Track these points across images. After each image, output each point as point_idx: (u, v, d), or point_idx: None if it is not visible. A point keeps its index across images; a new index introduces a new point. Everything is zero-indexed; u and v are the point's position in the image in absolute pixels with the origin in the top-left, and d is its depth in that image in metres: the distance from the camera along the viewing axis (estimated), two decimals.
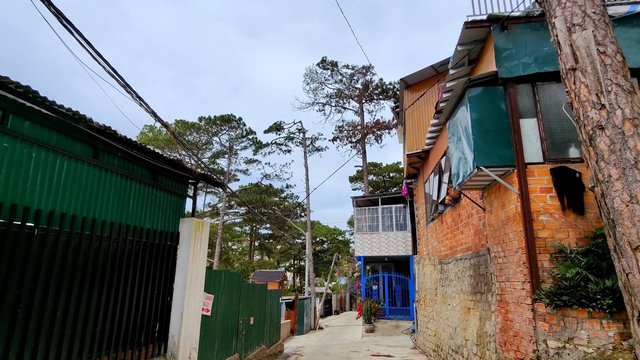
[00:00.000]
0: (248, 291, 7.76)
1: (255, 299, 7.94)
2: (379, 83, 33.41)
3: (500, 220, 5.14)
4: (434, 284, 9.46)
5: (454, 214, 7.61)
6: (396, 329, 13.80)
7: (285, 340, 16.87)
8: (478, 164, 4.73)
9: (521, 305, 4.49)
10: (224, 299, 6.26)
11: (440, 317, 8.69)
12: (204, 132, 38.37)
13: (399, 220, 15.88)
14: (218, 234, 33.72)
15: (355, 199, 16.89)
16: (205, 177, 5.62)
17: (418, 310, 11.44)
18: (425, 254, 10.96)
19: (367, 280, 16.41)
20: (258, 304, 8.16)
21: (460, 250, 7.22)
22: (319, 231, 55.06)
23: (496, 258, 5.30)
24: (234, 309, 6.75)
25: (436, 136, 9.15)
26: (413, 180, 12.72)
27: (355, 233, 16.50)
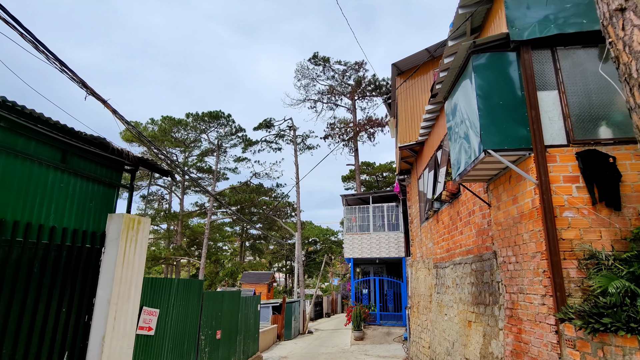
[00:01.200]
0: (213, 301, 6.74)
1: (224, 309, 6.93)
2: (372, 79, 32.52)
3: (511, 218, 4.20)
4: (429, 290, 8.53)
5: (452, 212, 6.67)
6: (387, 337, 12.86)
7: (270, 347, 15.86)
8: (486, 147, 3.78)
9: (540, 325, 3.55)
10: (176, 313, 5.23)
11: (436, 327, 7.75)
12: (192, 129, 37.18)
13: (391, 219, 14.95)
14: (205, 234, 32.56)
15: (345, 197, 15.92)
16: (145, 163, 4.56)
17: (411, 318, 10.50)
18: (418, 257, 10.03)
19: (357, 283, 15.44)
20: (228, 314, 7.16)
21: (459, 254, 6.28)
22: (311, 231, 54.09)
23: (505, 264, 4.36)
24: (192, 323, 5.72)
25: (431, 125, 8.22)
26: (406, 177, 11.80)
27: (344, 233, 15.54)
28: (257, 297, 9.54)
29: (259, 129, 34.07)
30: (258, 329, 9.65)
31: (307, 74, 34.75)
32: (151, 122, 34.39)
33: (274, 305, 19.85)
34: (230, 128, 37.44)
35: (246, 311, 8.36)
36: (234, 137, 37.90)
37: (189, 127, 36.76)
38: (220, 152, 38.44)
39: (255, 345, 9.22)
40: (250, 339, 8.63)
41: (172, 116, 34.44)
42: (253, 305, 8.96)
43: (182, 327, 5.39)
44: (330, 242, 53.15)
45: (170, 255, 32.40)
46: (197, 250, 39.38)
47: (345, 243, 15.35)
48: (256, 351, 9.41)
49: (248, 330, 8.47)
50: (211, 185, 36.43)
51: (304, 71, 34.65)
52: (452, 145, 4.84)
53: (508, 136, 3.81)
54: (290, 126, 33.16)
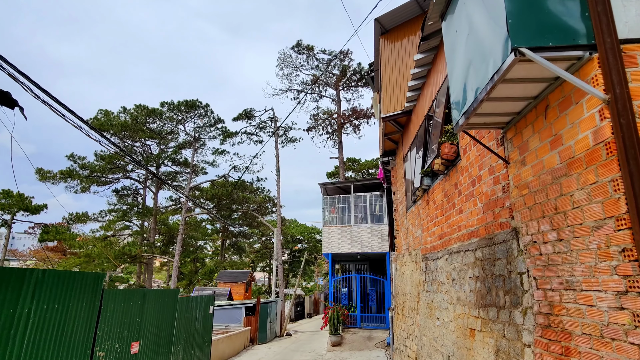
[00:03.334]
0: (126, 302, 4.99)
1: (146, 313, 5.26)
2: (357, 68, 31.04)
3: (548, 172, 2.67)
4: (416, 288, 7.02)
5: (448, 186, 5.15)
6: (368, 342, 11.34)
7: (239, 353, 14.19)
8: (517, 43, 2.23)
9: (615, 347, 2.03)
10: (42, 321, 3.53)
11: (424, 334, 6.24)
12: (168, 120, 35.07)
13: (374, 210, 13.45)
14: (180, 231, 30.57)
15: (324, 185, 14.36)
16: None
17: (394, 321, 9.00)
18: (404, 249, 8.53)
19: (335, 281, 13.88)
20: (155, 320, 5.51)
21: (456, 239, 4.76)
22: (295, 230, 52.47)
23: (535, 245, 2.84)
24: (75, 338, 4.01)
25: (421, 86, 6.71)
26: (390, 159, 10.29)
27: (323, 226, 13.97)
28: (208, 297, 7.89)
29: (238, 119, 32.19)
30: (210, 335, 8.00)
31: (290, 63, 33.08)
32: (123, 111, 32.19)
33: (247, 306, 18.17)
34: (208, 119, 35.48)
35: (189, 314, 6.70)
36: (213, 129, 35.96)
37: (165, 118, 34.65)
38: (199, 144, 36.48)
39: (204, 354, 7.56)
40: (196, 349, 6.97)
41: (145, 105, 32.33)
42: (202, 306, 7.31)
43: (52, 346, 3.70)
44: (315, 241, 51.58)
45: (142, 252, 30.32)
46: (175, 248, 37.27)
47: (324, 237, 13.79)
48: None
49: (193, 338, 6.82)
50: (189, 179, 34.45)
51: (286, 60, 32.98)
52: (454, 74, 3.30)
53: (552, 27, 2.27)
54: (271, 117, 31.39)
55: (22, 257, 53.93)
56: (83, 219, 33.45)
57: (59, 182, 27.90)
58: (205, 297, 7.65)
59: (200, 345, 7.31)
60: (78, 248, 31.28)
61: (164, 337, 5.72)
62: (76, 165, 28.09)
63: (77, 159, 27.78)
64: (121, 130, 29.98)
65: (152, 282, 33.39)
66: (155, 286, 57.03)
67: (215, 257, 52.85)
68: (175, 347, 6.00)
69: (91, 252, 29.94)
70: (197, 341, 7.11)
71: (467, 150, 4.38)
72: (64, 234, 31.04)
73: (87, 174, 29.58)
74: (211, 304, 7.89)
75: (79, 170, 28.52)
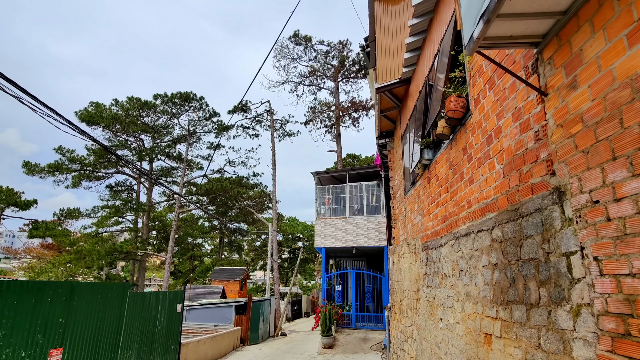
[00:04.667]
0: (36, 298, 3.91)
1: (73, 313, 4.21)
2: (357, 59, 29.94)
3: (626, 85, 1.63)
4: (415, 284, 6.00)
5: (454, 154, 4.12)
6: (363, 344, 10.32)
7: (226, 355, 13.20)
8: None
9: None
10: None
11: (425, 338, 5.22)
12: (162, 113, 34.06)
13: (371, 201, 12.41)
14: (173, 227, 29.58)
15: (318, 175, 13.32)
16: None
17: (391, 322, 7.97)
18: (402, 239, 7.50)
19: (328, 278, 12.84)
20: (89, 322, 4.47)
21: (465, 218, 3.74)
22: (295, 227, 51.50)
23: (598, 207, 1.81)
24: None
25: (421, 44, 5.67)
26: (388, 141, 9.25)
27: (315, 218, 12.94)
28: (174, 294, 6.86)
29: (234, 112, 31.12)
30: (177, 337, 6.96)
31: (287, 54, 32.05)
32: (115, 104, 31.18)
33: (238, 304, 17.18)
34: (204, 112, 34.46)
35: (146, 314, 5.68)
36: (209, 123, 34.96)
37: (159, 111, 33.66)
38: (194, 139, 35.48)
39: (168, 359, 6.52)
40: (157, 354, 5.94)
41: (138, 97, 31.31)
42: (166, 305, 6.28)
43: None
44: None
45: (134, 249, 29.35)
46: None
47: (316, 230, 12.77)
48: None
49: (152, 341, 5.81)
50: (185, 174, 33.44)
51: (283, 51, 31.95)
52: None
53: None
54: (267, 110, 30.36)
55: (18, 255, 53.15)
56: (75, 215, 32.52)
57: (47, 176, 26.94)
58: (170, 293, 6.59)
59: (164, 349, 6.28)
60: (69, 245, 30.34)
61: (106, 341, 4.70)
62: (65, 158, 27.09)
63: (65, 152, 26.79)
64: (112, 123, 28.97)
65: (144, 279, 32.44)
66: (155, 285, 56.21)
67: (214, 255, 51.99)
68: (125, 353, 4.97)
69: (82, 249, 29.01)
70: (159, 345, 6.08)
71: (480, 99, 3.34)
72: (53, 230, 30.11)
73: (78, 168, 28.61)
74: (179, 301, 6.85)
75: (68, 164, 27.54)
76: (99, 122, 27.93)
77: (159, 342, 6.05)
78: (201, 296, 23.76)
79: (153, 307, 5.94)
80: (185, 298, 24.41)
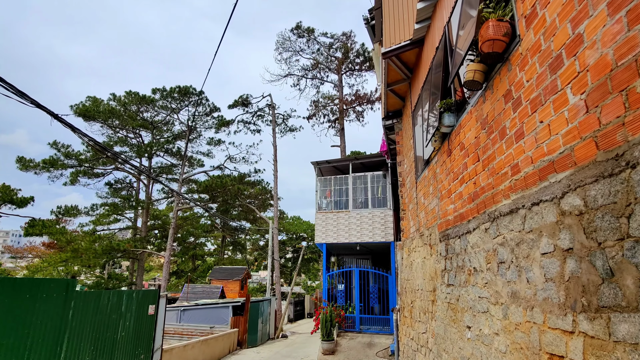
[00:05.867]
0: None
1: None
2: (361, 50, 28.88)
3: None
4: (430, 282, 4.96)
5: (489, 108, 3.09)
6: (368, 349, 9.28)
7: None
8: None
9: None
10: None
11: (445, 349, 4.18)
12: (162, 109, 33.23)
13: (376, 193, 11.36)
14: (172, 224, 28.69)
15: (319, 165, 12.29)
16: None
17: (400, 326, 6.93)
18: (413, 231, 6.46)
19: (330, 277, 11.79)
20: (11, 327, 3.46)
21: (508, 190, 2.70)
22: (298, 226, 50.54)
23: None
24: None
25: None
26: (395, 122, 8.21)
27: (316, 212, 11.92)
28: (146, 293, 5.85)
29: (234, 106, 30.18)
30: (149, 343, 5.93)
31: (289, 47, 31.04)
32: (113, 98, 30.37)
33: (235, 305, 16.21)
34: (204, 107, 33.58)
35: (104, 317, 4.69)
36: (210, 118, 34.07)
37: (158, 106, 32.83)
38: (195, 135, 34.62)
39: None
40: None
41: (136, 91, 30.46)
42: (134, 306, 5.27)
43: None
44: None
45: (131, 247, 28.51)
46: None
47: (317, 224, 11.74)
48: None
49: (113, 349, 4.82)
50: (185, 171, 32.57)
51: (285, 43, 30.94)
52: None
53: None
54: (269, 104, 29.37)
55: (18, 254, 52.65)
56: (73, 213, 31.76)
57: (42, 172, 26.15)
58: (139, 292, 5.58)
59: (129, 358, 5.29)
60: (65, 243, 29.58)
61: (39, 352, 3.73)
62: (60, 154, 26.30)
63: (60, 147, 25.99)
64: (109, 117, 28.14)
65: (143, 278, 31.62)
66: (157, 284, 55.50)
67: (216, 254, 51.21)
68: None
69: (78, 247, 28.22)
70: (123, 354, 5.08)
71: (537, 11, 2.30)
72: (50, 228, 29.37)
73: (74, 164, 27.82)
74: (151, 302, 5.85)
75: (64, 160, 26.75)
76: (96, 116, 27.12)
77: (122, 351, 5.05)
78: (199, 296, 22.84)
79: (113, 310, 4.94)
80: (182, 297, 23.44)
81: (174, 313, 16.89)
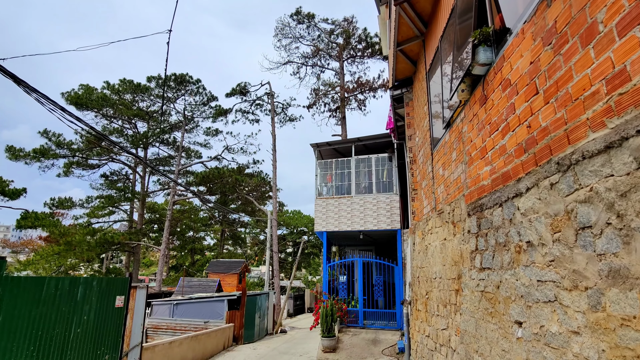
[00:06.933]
0: None
1: None
2: (363, 35, 27.80)
3: None
4: (453, 268, 4.06)
5: (564, 5, 2.15)
6: (373, 346, 8.40)
7: (212, 357, 11.38)
8: None
9: None
10: None
11: (479, 351, 3.28)
12: (157, 98, 32.22)
13: (381, 177, 10.44)
14: (167, 216, 27.85)
15: (318, 147, 11.34)
16: None
17: (411, 321, 6.03)
18: (427, 211, 5.54)
19: (331, 267, 10.89)
20: None
21: (601, 116, 1.76)
22: (299, 220, 49.72)
23: None
24: None
25: None
26: (405, 91, 7.27)
27: (315, 198, 11.00)
28: (112, 281, 4.90)
29: (232, 95, 29.18)
30: (117, 343, 5.03)
31: (288, 33, 29.97)
32: (107, 86, 29.36)
33: (231, 299, 15.36)
34: (201, 97, 32.60)
35: (48, 310, 3.80)
36: (206, 108, 33.10)
37: (154, 95, 31.85)
38: (192, 125, 33.67)
39: None
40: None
41: (131, 79, 29.45)
42: (95, 296, 4.39)
43: None
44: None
45: (126, 240, 27.67)
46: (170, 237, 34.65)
47: (317, 211, 10.83)
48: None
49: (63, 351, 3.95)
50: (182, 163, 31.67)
51: (284, 29, 29.87)
52: None
53: None
54: (268, 92, 28.38)
55: (14, 248, 51.95)
56: (67, 205, 30.93)
57: (33, 162, 25.25)
58: (102, 280, 4.65)
59: (90, 357, 4.42)
60: (58, 236, 28.74)
61: None
62: (51, 142, 25.37)
63: (51, 136, 25.06)
64: (102, 105, 27.16)
65: (139, 272, 30.83)
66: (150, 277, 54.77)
67: (216, 249, 50.47)
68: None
69: (72, 240, 27.38)
70: (79, 353, 4.22)
71: None
72: (43, 220, 28.54)
73: (67, 153, 26.89)
74: (119, 292, 4.96)
75: (55, 149, 25.82)
76: (88, 104, 26.16)
77: (77, 351, 4.17)
78: (195, 290, 22.03)
79: (64, 301, 4.06)
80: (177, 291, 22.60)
81: (167, 307, 16.07)
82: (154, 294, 22.78)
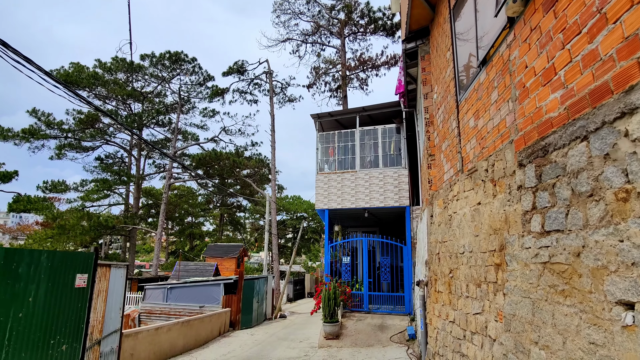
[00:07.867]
0: None
1: None
2: (366, 9, 26.49)
3: None
4: (492, 237, 3.20)
5: None
6: (380, 333, 7.64)
7: (206, 344, 10.68)
8: None
9: None
10: None
11: (538, 340, 2.44)
12: (152, 77, 31.05)
13: (388, 150, 9.54)
14: (164, 199, 27.03)
15: (319, 117, 10.40)
16: None
17: (429, 304, 5.22)
18: (448, 177, 4.66)
19: (333, 248, 10.08)
20: None
21: None
22: (299, 206, 49.03)
23: None
24: None
25: None
26: (420, 43, 6.32)
27: (316, 173, 10.12)
28: (68, 256, 4.03)
29: (229, 74, 28.00)
30: (78, 332, 4.19)
31: (287, 9, 28.62)
32: (98, 65, 28.16)
33: (227, 283, 14.66)
34: (197, 76, 31.43)
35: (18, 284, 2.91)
36: (202, 88, 31.95)
37: (148, 74, 30.67)
38: (189, 106, 32.57)
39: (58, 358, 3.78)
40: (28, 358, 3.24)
41: (123, 57, 28.25)
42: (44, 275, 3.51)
43: None
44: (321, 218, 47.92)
45: (121, 224, 26.92)
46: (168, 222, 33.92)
47: (318, 188, 9.96)
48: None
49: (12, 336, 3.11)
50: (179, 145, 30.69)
51: (284, 5, 28.51)
52: None
53: None
54: (266, 71, 27.22)
55: (13, 233, 51.43)
56: (61, 189, 30.08)
57: (22, 143, 24.28)
58: (56, 254, 3.78)
59: (41, 352, 3.61)
60: (52, 219, 27.97)
61: None
62: (41, 122, 24.35)
63: (40, 115, 24.02)
64: (92, 84, 26.02)
65: (134, 256, 30.19)
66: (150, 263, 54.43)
67: (215, 234, 49.91)
68: None
69: (65, 224, 26.63)
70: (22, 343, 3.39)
71: None
72: (36, 204, 27.72)
73: (57, 134, 25.89)
74: (80, 270, 4.13)
75: (45, 129, 24.82)
76: (79, 82, 25.02)
77: (21, 340, 3.36)
78: (192, 274, 21.40)
79: (15, 278, 3.21)
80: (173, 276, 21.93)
81: (160, 292, 15.39)
82: (149, 278, 22.16)
